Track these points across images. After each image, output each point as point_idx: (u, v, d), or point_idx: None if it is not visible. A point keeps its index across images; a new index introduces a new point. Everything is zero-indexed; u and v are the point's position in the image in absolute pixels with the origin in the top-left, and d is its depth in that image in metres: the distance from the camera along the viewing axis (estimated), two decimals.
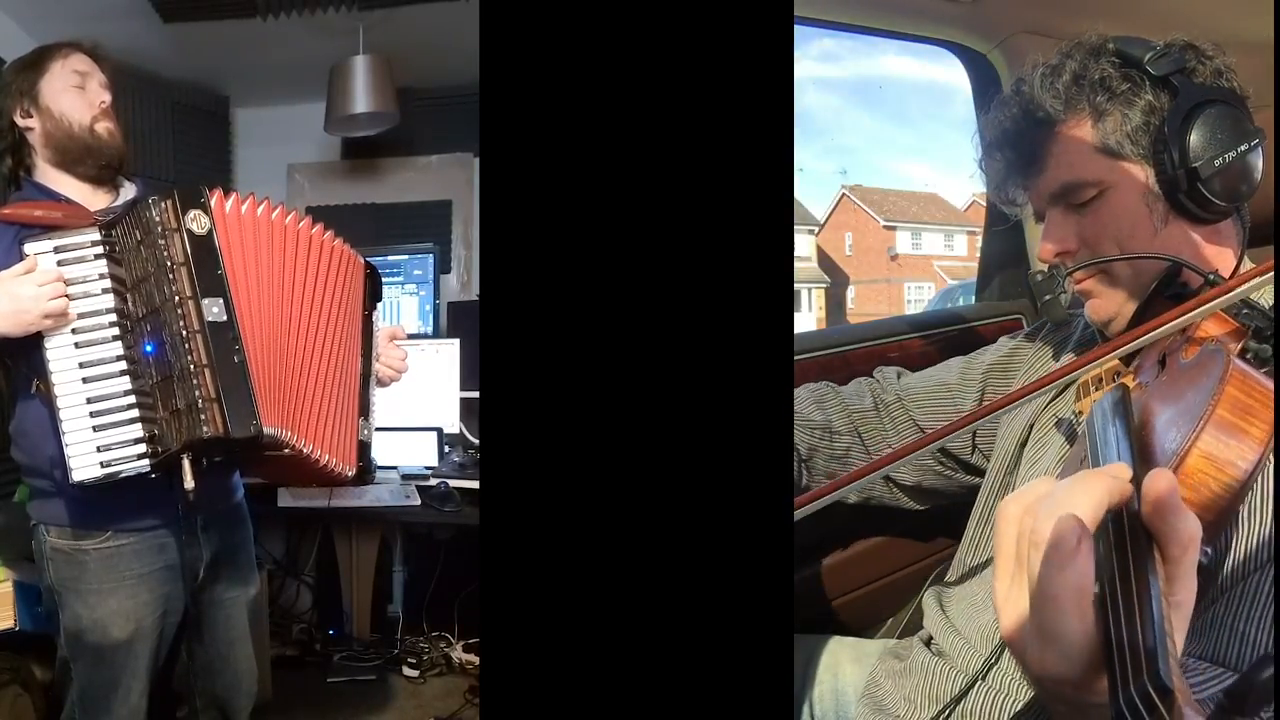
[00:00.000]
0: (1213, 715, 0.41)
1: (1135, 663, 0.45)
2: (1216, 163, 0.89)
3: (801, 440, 1.24)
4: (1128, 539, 0.51)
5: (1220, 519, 0.59)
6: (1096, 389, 0.87)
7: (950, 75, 1.96)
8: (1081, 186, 0.94)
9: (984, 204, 2.06)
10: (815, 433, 1.25)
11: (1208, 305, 0.79)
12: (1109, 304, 0.97)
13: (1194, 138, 0.90)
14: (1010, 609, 0.54)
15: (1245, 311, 0.80)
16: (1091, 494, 0.53)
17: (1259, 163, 0.92)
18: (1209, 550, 0.55)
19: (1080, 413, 0.90)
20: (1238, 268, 0.96)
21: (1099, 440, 0.67)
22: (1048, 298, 0.96)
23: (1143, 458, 0.62)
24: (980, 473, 1.17)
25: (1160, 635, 0.45)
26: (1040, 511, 0.54)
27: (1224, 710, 0.40)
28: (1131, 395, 0.73)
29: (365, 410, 1.47)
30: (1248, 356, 0.78)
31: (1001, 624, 0.55)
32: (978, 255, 2.18)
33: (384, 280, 1.56)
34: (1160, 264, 0.92)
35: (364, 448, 1.45)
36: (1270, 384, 0.64)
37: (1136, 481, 0.55)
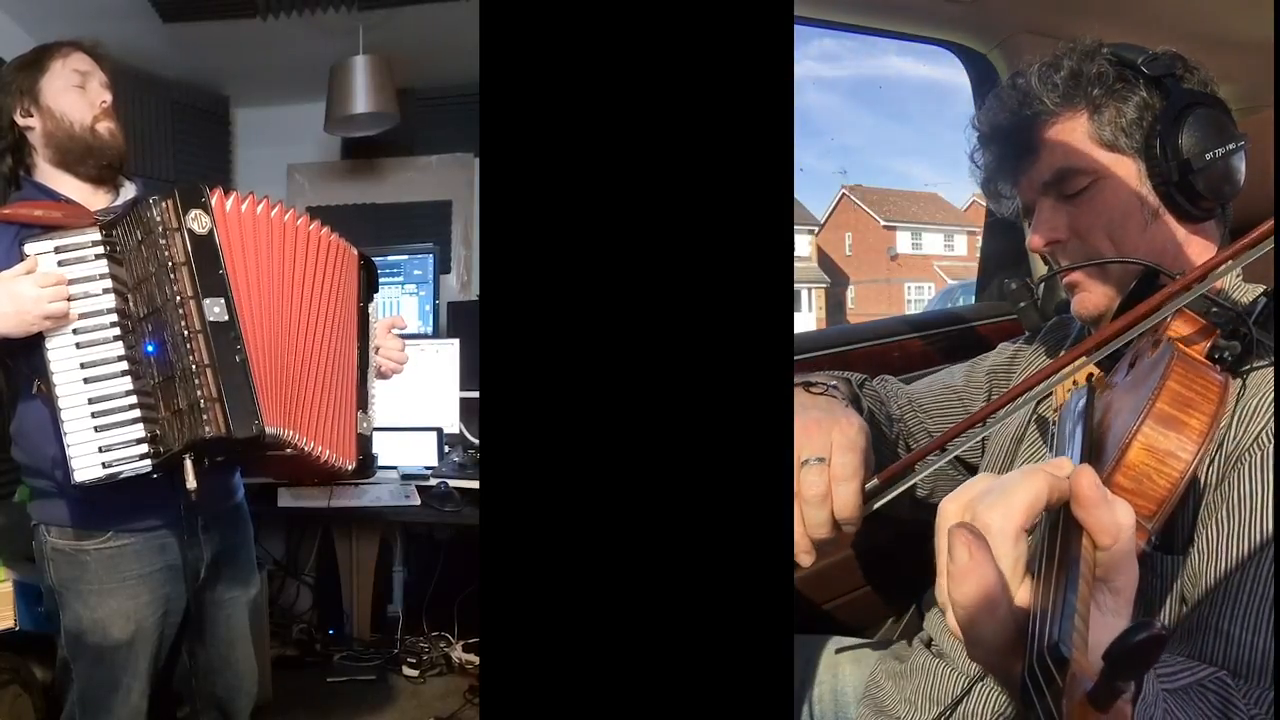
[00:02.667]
0: (1098, 682, 0.43)
1: (1042, 638, 0.48)
2: (1207, 157, 0.91)
3: (872, 409, 1.20)
4: (1060, 530, 0.54)
5: (1163, 509, 0.61)
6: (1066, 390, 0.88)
7: (950, 75, 1.96)
8: (1075, 174, 0.96)
9: (984, 204, 2.06)
10: (881, 408, 1.23)
11: (1165, 306, 0.79)
12: (1099, 298, 0.97)
13: (1186, 134, 0.92)
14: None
15: (1215, 310, 0.81)
16: (1027, 490, 0.55)
17: (1242, 166, 0.94)
18: (1153, 539, 0.58)
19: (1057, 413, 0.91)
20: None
21: (1062, 438, 0.68)
22: (1022, 304, 0.97)
23: (1096, 454, 0.64)
24: None
25: (1069, 612, 0.48)
26: (978, 509, 0.56)
27: (1105, 676, 0.42)
28: (1099, 394, 0.74)
29: (364, 403, 1.46)
30: (1223, 355, 0.78)
31: (948, 619, 0.57)
32: (978, 255, 2.18)
33: (385, 281, 1.56)
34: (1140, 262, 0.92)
35: (363, 440, 1.45)
36: (1219, 378, 0.66)
37: None
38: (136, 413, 1.24)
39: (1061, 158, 0.96)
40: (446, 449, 2.56)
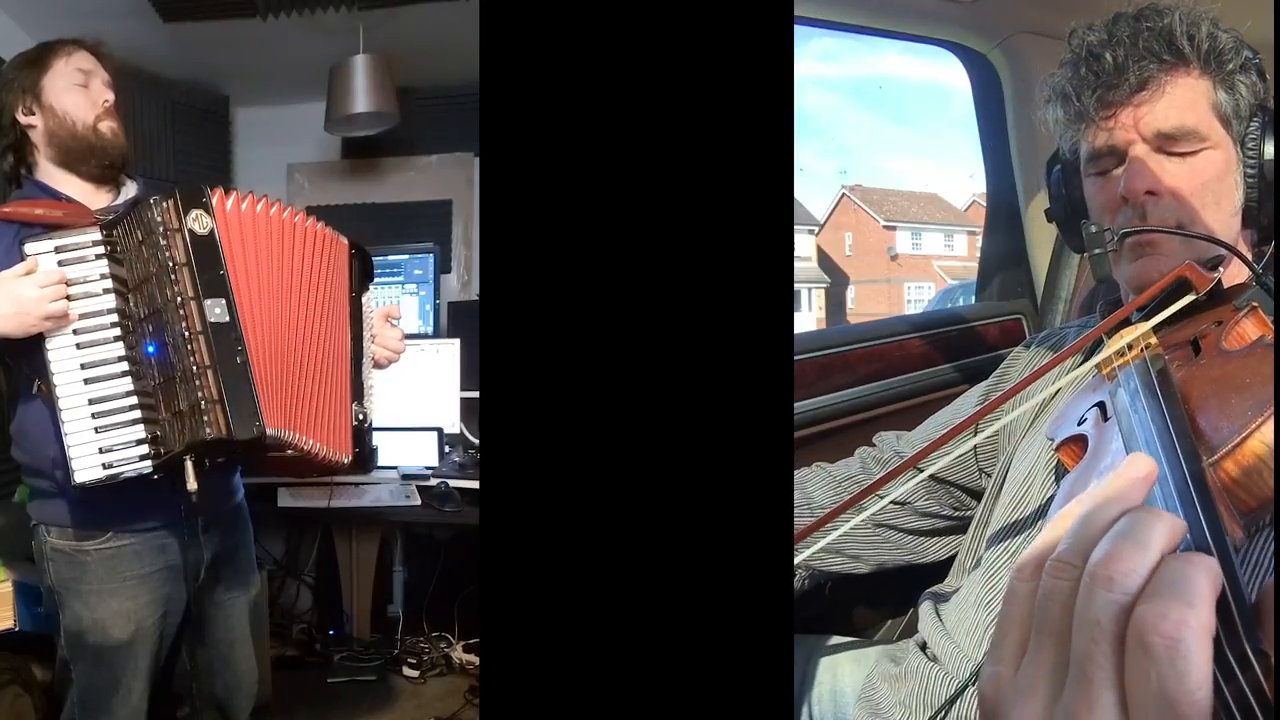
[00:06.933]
0: None
1: None
2: None
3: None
4: None
5: (1262, 509, 0.56)
6: (1121, 357, 0.79)
7: (950, 75, 1.96)
8: (1193, 136, 0.92)
9: (984, 204, 2.06)
10: (799, 510, 1.24)
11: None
12: (1174, 266, 0.90)
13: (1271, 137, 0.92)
14: (1024, 702, 0.41)
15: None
16: (1156, 540, 0.39)
17: None
18: (1241, 539, 0.52)
19: (1107, 375, 0.80)
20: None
21: (1133, 421, 0.63)
22: (1098, 251, 0.93)
23: (1197, 434, 0.58)
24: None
25: None
26: (1101, 570, 0.39)
27: None
28: (1170, 368, 0.69)
29: (359, 394, 1.45)
30: None
31: (1000, 683, 0.43)
32: (978, 255, 2.18)
33: (385, 281, 1.56)
34: (1209, 242, 0.89)
35: (359, 433, 1.44)
36: None
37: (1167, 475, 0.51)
38: (137, 413, 1.24)
39: (1182, 113, 0.92)
40: (447, 449, 2.56)
